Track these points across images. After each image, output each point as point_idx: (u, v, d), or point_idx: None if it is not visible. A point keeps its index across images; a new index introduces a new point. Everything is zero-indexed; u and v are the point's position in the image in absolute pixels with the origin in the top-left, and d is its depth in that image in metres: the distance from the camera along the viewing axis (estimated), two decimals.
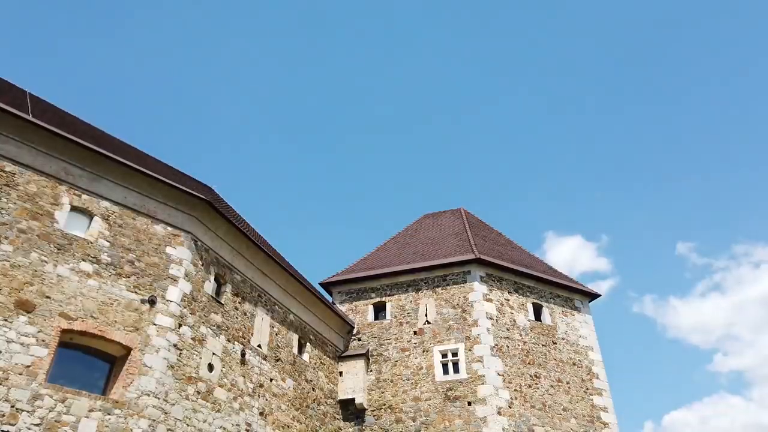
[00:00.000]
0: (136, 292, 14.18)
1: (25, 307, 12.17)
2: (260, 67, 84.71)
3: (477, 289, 23.38)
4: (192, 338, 15.21)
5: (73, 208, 13.88)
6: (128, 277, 14.20)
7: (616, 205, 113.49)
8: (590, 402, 22.49)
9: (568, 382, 22.57)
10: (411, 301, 23.97)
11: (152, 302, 14.33)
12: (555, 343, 23.44)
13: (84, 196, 14.19)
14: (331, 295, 25.28)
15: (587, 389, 22.78)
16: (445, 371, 21.96)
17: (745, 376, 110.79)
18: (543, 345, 23.13)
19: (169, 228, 15.63)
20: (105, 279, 13.74)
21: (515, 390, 21.34)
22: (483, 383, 21.15)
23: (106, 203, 14.52)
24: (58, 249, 13.19)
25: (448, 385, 21.51)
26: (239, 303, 17.78)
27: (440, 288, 23.97)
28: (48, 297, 12.59)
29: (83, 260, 13.51)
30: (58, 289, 12.81)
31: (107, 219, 14.41)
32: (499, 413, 20.49)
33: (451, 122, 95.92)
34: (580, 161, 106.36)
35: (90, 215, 14.16)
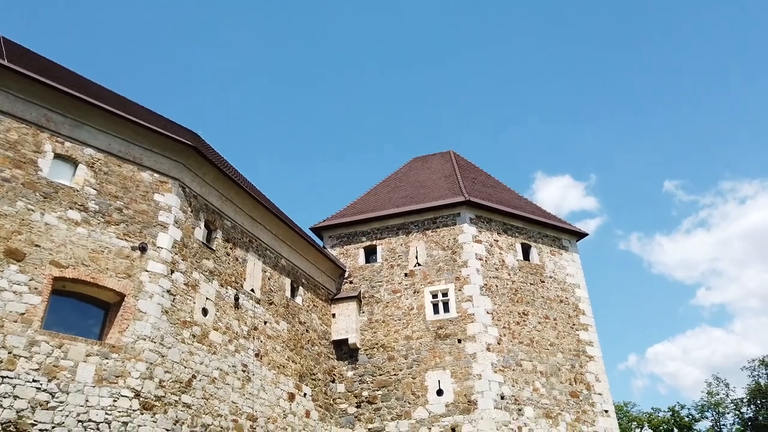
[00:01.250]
0: (126, 240, 14.19)
1: (14, 256, 12.17)
2: (242, 6, 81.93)
3: (466, 231, 23.62)
4: (185, 284, 15.35)
5: (57, 156, 13.67)
6: (117, 225, 14.17)
7: (605, 143, 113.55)
8: (576, 337, 23.22)
9: (555, 319, 23.21)
10: (401, 244, 24.22)
11: (143, 249, 14.37)
12: (543, 282, 23.95)
13: (67, 144, 13.95)
14: (322, 239, 25.46)
15: (573, 325, 23.47)
16: (436, 311, 22.46)
17: (727, 309, 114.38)
18: (531, 284, 23.63)
19: (156, 175, 15.49)
20: (94, 227, 13.70)
21: (504, 327, 21.95)
22: (472, 321, 21.70)
23: (90, 150, 14.30)
24: (44, 197, 13.08)
25: (438, 324, 22.06)
26: (230, 249, 17.88)
27: (430, 230, 24.19)
28: (37, 245, 12.57)
29: (70, 208, 13.42)
30: (47, 237, 12.79)
31: (92, 166, 14.23)
32: (488, 349, 21.13)
33: (439, 64, 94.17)
34: (569, 101, 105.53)
35: (74, 163, 13.97)
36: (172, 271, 14.95)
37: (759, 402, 59.74)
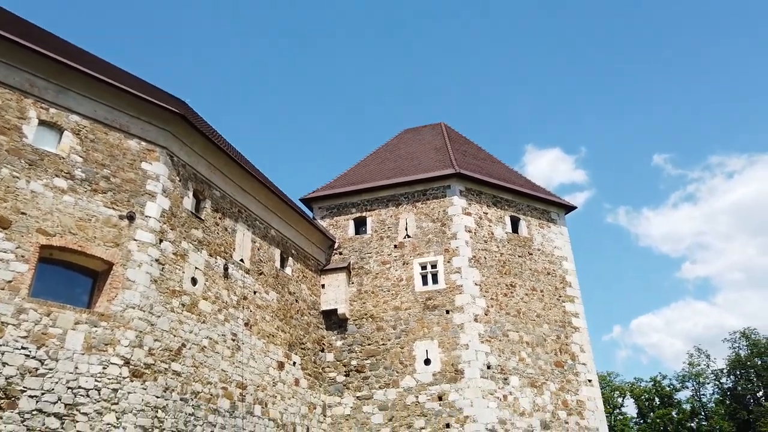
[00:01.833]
0: (113, 208, 14.08)
1: (0, 223, 12.04)
2: None
3: (456, 203, 23.69)
4: (173, 253, 15.32)
5: (42, 122, 13.43)
6: (104, 193, 14.03)
7: (596, 117, 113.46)
8: (562, 308, 23.57)
9: (542, 291, 23.51)
10: (391, 216, 24.26)
11: (131, 218, 14.27)
12: (531, 254, 24.17)
13: (52, 110, 13.70)
14: (312, 210, 25.44)
15: (560, 297, 23.80)
16: (425, 282, 22.65)
17: (711, 283, 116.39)
18: (519, 256, 23.85)
19: (143, 143, 15.29)
20: (81, 195, 13.56)
21: (491, 298, 22.21)
22: (461, 293, 21.93)
23: (75, 117, 14.06)
24: (30, 164, 12.89)
25: (427, 295, 22.26)
26: (219, 219, 17.82)
27: (420, 202, 24.22)
28: (24, 213, 12.44)
29: (56, 176, 13.25)
30: (33, 205, 12.65)
31: (78, 134, 14.01)
32: (475, 320, 21.41)
33: (432, 35, 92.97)
34: (561, 73, 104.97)
35: (60, 130, 13.74)
36: (161, 241, 14.89)
37: (738, 373, 61.27)
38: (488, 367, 20.73)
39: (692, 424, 61.15)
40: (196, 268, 16.08)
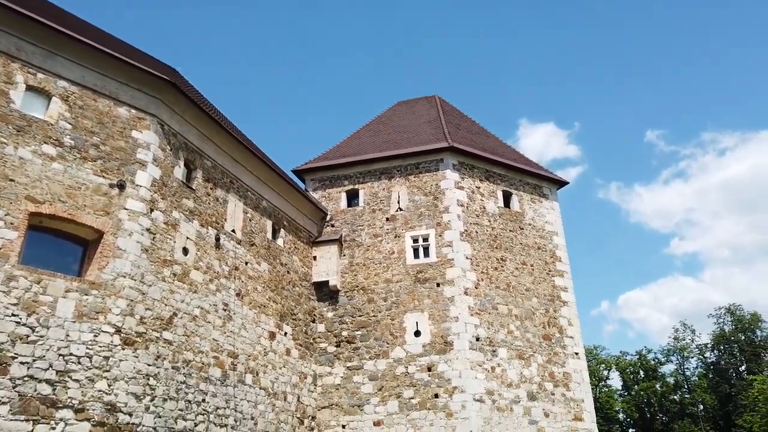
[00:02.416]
0: (103, 177, 13.94)
1: None
2: None
3: (449, 177, 23.67)
4: (165, 223, 15.25)
5: (29, 88, 13.18)
6: (94, 161, 13.88)
7: (591, 91, 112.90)
8: (552, 283, 23.82)
9: (532, 265, 23.71)
10: (384, 189, 24.23)
11: (121, 187, 14.15)
12: (522, 229, 24.30)
13: (39, 75, 13.43)
14: (304, 182, 25.34)
15: (550, 271, 24.02)
16: (416, 255, 22.76)
17: (699, 259, 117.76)
18: (510, 230, 23.97)
19: (133, 111, 15.08)
20: (70, 162, 13.41)
21: (482, 272, 22.38)
22: (452, 266, 22.07)
23: (63, 83, 13.80)
24: (18, 131, 12.69)
25: (418, 268, 22.40)
26: (211, 189, 17.72)
27: (413, 176, 24.18)
28: (12, 180, 12.30)
29: (45, 143, 13.07)
30: (22, 172, 12.50)
31: (66, 100, 13.77)
32: (465, 293, 21.61)
33: (426, 6, 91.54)
34: (556, 47, 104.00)
35: (48, 96, 13.49)
36: (152, 210, 14.81)
37: (722, 348, 62.51)
38: (477, 340, 21.01)
39: (675, 397, 62.58)
40: (187, 238, 16.04)
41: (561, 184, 26.56)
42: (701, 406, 57.04)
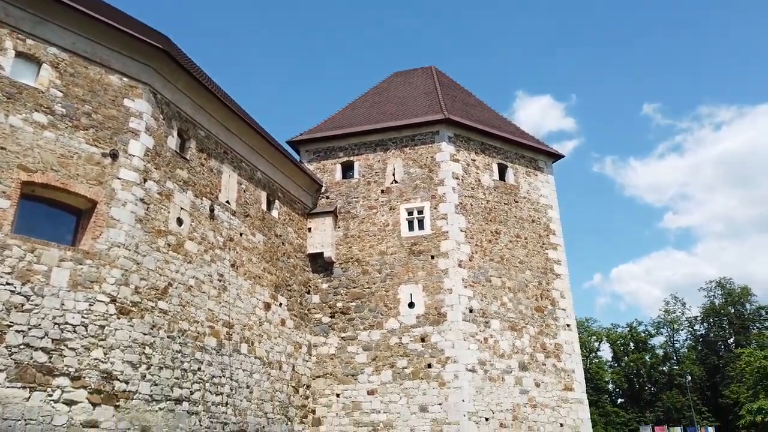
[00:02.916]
0: (96, 146, 13.80)
1: None
2: None
3: (444, 150, 23.57)
4: (158, 193, 15.17)
5: (19, 54, 12.93)
6: (86, 130, 13.72)
7: (589, 64, 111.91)
8: (545, 256, 23.97)
9: (526, 238, 23.82)
10: (379, 161, 24.13)
11: (114, 156, 14.02)
12: (517, 202, 24.33)
13: (29, 41, 13.17)
14: (298, 153, 25.20)
15: (543, 244, 24.16)
16: (411, 228, 22.80)
17: (692, 233, 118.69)
18: (505, 203, 24.00)
19: (125, 79, 14.85)
20: (62, 131, 13.25)
21: (476, 245, 22.48)
22: (446, 239, 22.15)
23: (53, 50, 13.54)
24: (8, 98, 12.49)
25: (412, 241, 22.47)
26: (205, 159, 17.59)
27: (408, 148, 24.07)
28: (3, 148, 12.15)
29: (36, 111, 12.88)
30: (13, 140, 12.35)
31: (57, 67, 13.54)
32: (459, 265, 21.73)
33: None
34: (555, 19, 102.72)
35: (38, 62, 13.25)
36: (145, 180, 14.71)
37: (711, 320, 63.44)
38: (470, 311, 21.22)
39: (664, 368, 63.75)
40: (181, 208, 15.99)
41: (557, 157, 26.51)
42: (689, 377, 58.16)
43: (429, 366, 20.50)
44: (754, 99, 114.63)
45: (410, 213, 22.96)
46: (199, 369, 15.51)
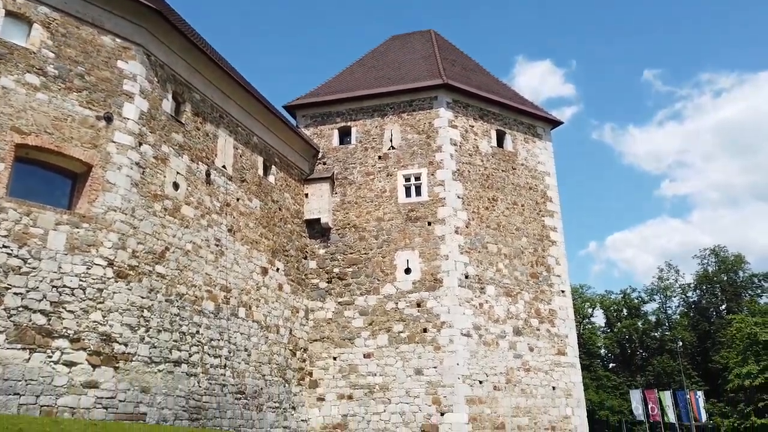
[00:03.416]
0: (90, 108, 13.63)
1: None
2: None
3: (443, 116, 23.36)
4: (154, 157, 15.07)
5: (8, 13, 12.64)
6: (79, 92, 13.52)
7: (590, 29, 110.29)
8: (541, 223, 24.05)
9: (522, 205, 23.85)
10: (376, 126, 23.93)
11: (108, 119, 13.87)
12: (514, 169, 24.27)
13: (18, 0, 12.86)
14: (295, 118, 24.95)
15: (540, 211, 24.21)
16: (408, 194, 22.78)
17: (688, 201, 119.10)
18: (503, 170, 23.94)
19: (118, 40, 14.56)
20: (55, 93, 13.06)
21: (473, 212, 22.51)
22: (443, 205, 22.16)
23: (44, 9, 13.23)
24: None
25: (409, 207, 22.47)
26: (200, 123, 17.41)
27: (406, 113, 23.84)
28: None
29: (28, 72, 12.68)
30: (5, 101, 12.18)
31: (48, 27, 13.25)
32: (456, 232, 21.80)
33: None
34: None
35: (29, 22, 12.96)
36: (140, 144, 14.59)
37: (704, 288, 64.19)
38: (466, 277, 21.39)
39: (656, 334, 64.78)
40: (177, 172, 15.90)
41: (555, 124, 26.34)
42: (680, 343, 59.17)
43: (424, 330, 20.77)
44: (756, 66, 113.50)
45: (407, 179, 22.90)
46: (198, 332, 15.69)
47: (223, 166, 18.22)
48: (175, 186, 15.75)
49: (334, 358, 21.30)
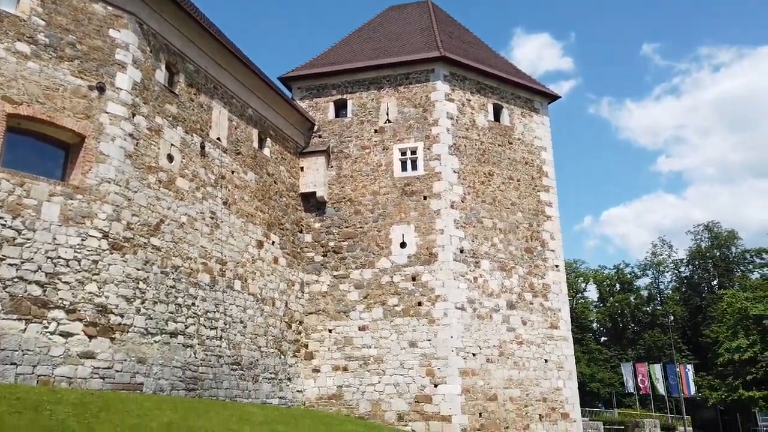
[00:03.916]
0: (82, 78, 13.43)
1: None
2: None
3: (440, 89, 23.16)
4: (148, 128, 14.92)
5: None
6: (71, 61, 13.30)
7: (589, 0, 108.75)
8: (537, 197, 24.08)
9: (518, 180, 23.84)
10: (372, 99, 23.72)
11: (101, 89, 13.68)
12: (511, 144, 24.18)
13: None
14: (291, 90, 24.69)
15: (536, 186, 24.21)
16: (404, 168, 22.71)
17: (684, 177, 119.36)
18: (499, 145, 23.85)
19: (109, 8, 14.28)
20: (46, 62, 12.85)
21: (469, 186, 22.50)
22: (439, 179, 22.12)
23: None
24: None
25: (405, 181, 22.43)
26: (194, 94, 17.21)
27: (403, 86, 23.62)
28: None
29: (18, 40, 12.44)
30: None
31: None
32: (452, 207, 21.82)
33: None
34: None
35: None
36: (134, 115, 14.43)
37: (697, 263, 64.74)
38: (461, 252, 21.48)
39: (648, 309, 65.54)
40: (171, 144, 15.77)
41: (553, 98, 26.17)
42: (671, 318, 59.93)
43: (419, 304, 20.94)
44: (756, 40, 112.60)
45: (403, 153, 22.80)
46: (193, 304, 15.76)
47: (218, 139, 18.07)
48: (170, 158, 15.64)
49: (330, 331, 21.49)
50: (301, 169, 23.08)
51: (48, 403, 9.41)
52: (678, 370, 45.10)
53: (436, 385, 20.01)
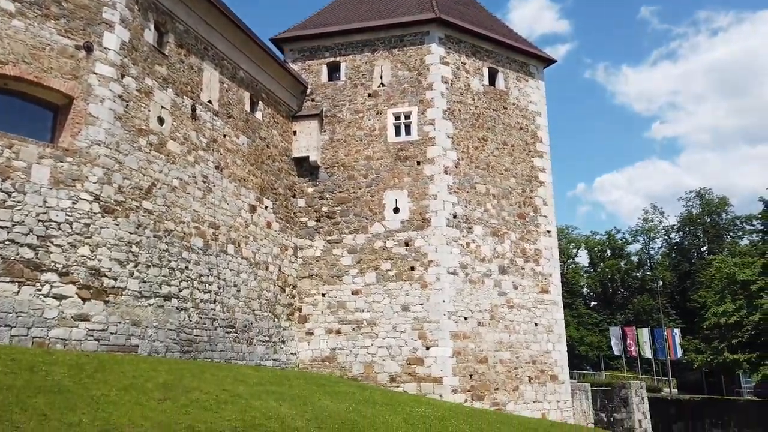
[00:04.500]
0: (68, 37, 13.11)
1: None
2: None
3: (434, 52, 22.81)
4: (137, 90, 14.67)
5: None
6: (57, 20, 12.96)
7: None
8: (531, 163, 24.05)
9: (512, 145, 23.75)
10: (366, 62, 23.36)
11: (88, 49, 13.38)
12: (505, 108, 24.00)
13: None
14: (283, 52, 24.24)
15: (529, 152, 24.15)
16: (398, 133, 22.54)
17: (678, 143, 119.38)
18: (494, 110, 23.67)
19: None
20: (31, 20, 12.51)
21: (462, 152, 22.41)
22: (433, 145, 22.00)
23: None
24: None
25: (399, 146, 22.29)
26: (184, 55, 16.87)
27: (397, 49, 23.24)
28: None
29: None
30: None
31: None
32: (445, 172, 21.77)
33: None
34: None
35: None
36: (123, 76, 14.16)
37: (687, 229, 65.35)
38: (454, 217, 21.54)
39: (637, 274, 66.41)
40: (162, 107, 15.54)
41: (548, 62, 25.87)
42: (660, 283, 60.81)
43: (412, 269, 21.09)
44: (756, 3, 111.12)
45: (397, 118, 22.60)
46: (187, 268, 15.80)
47: (209, 101, 17.82)
48: (160, 121, 15.43)
49: (323, 295, 21.67)
50: (294, 133, 22.87)
51: (43, 364, 9.51)
52: (665, 334, 46.00)
53: (428, 348, 20.33)
